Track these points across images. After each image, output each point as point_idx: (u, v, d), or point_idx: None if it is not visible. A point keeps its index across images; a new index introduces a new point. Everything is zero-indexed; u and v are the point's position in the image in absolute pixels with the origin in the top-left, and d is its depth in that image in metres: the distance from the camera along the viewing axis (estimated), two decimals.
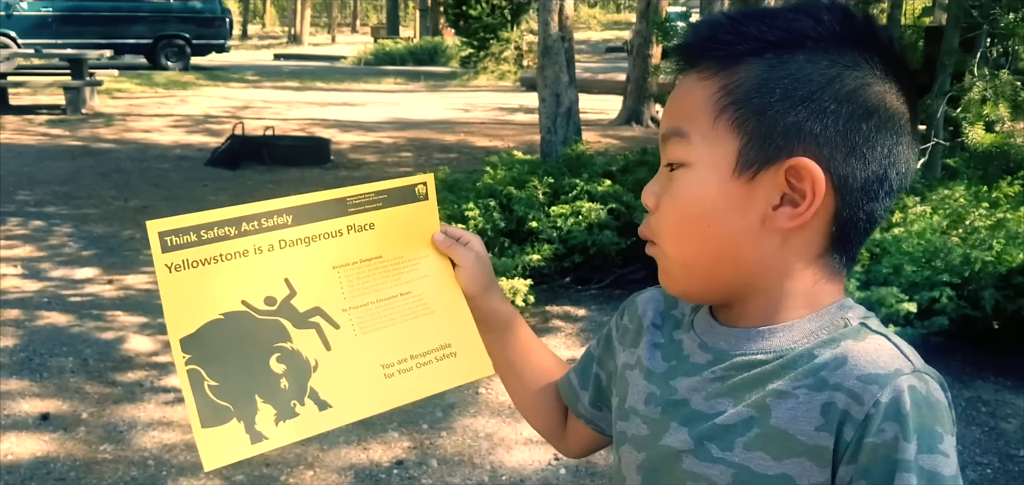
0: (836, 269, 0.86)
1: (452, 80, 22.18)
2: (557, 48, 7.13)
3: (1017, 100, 5.49)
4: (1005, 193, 4.99)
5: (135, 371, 4.23)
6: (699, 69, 0.85)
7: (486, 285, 1.14)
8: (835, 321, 0.84)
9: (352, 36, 51.25)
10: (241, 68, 25.17)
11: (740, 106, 0.81)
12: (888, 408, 0.74)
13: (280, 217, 1.04)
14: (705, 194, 0.83)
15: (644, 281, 5.37)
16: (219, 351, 0.98)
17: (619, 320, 1.07)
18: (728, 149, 0.82)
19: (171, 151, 10.83)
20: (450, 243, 1.12)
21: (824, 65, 0.81)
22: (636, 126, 12.66)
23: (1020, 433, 3.66)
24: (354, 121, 13.84)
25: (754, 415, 0.82)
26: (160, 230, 0.98)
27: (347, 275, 1.07)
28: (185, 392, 0.95)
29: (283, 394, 0.99)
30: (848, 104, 0.80)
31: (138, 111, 14.48)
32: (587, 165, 6.02)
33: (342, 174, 9.64)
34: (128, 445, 3.53)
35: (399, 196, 1.11)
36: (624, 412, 0.97)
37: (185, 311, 0.97)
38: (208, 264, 0.99)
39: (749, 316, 0.88)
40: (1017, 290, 4.09)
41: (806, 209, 0.80)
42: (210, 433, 0.95)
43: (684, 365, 0.92)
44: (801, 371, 0.81)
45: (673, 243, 0.88)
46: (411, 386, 1.08)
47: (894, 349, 0.80)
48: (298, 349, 1.02)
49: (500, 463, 3.45)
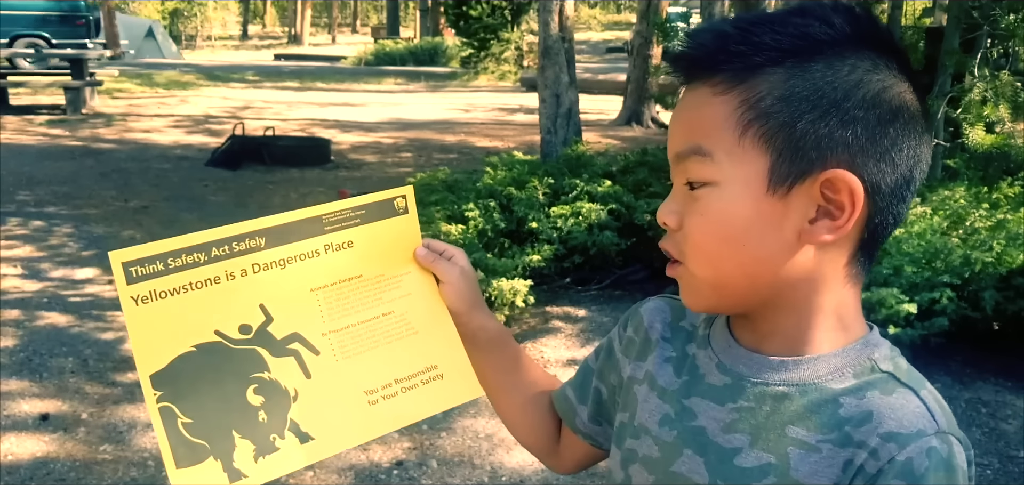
0: (859, 273, 0.84)
1: (452, 80, 22.19)
2: (557, 48, 7.13)
3: (1017, 101, 5.49)
4: (1005, 194, 4.99)
5: (135, 371, 4.19)
6: (712, 83, 0.81)
7: (472, 301, 1.09)
8: (861, 361, 0.82)
9: (352, 36, 51.30)
10: (242, 68, 25.19)
11: (766, 120, 0.79)
12: (903, 467, 0.73)
13: (252, 240, 0.98)
14: (738, 214, 0.80)
15: (644, 282, 5.40)
16: (192, 386, 0.93)
17: (622, 331, 1.03)
18: (758, 166, 0.79)
19: (171, 151, 10.83)
20: (433, 258, 1.08)
21: (845, 71, 0.78)
22: (636, 126, 12.66)
23: (1020, 434, 3.66)
24: (354, 121, 13.84)
25: (772, 462, 0.80)
26: (124, 260, 0.92)
27: (326, 297, 1.02)
28: (157, 431, 0.90)
29: (262, 428, 0.94)
30: (875, 109, 0.78)
31: (138, 111, 14.49)
32: (587, 166, 6.02)
33: (342, 174, 9.64)
34: (128, 445, 3.53)
35: (378, 211, 1.06)
36: (634, 430, 0.93)
37: (154, 345, 0.92)
38: (177, 293, 0.94)
39: (776, 337, 0.85)
40: (1017, 291, 4.09)
41: (847, 221, 0.78)
42: (185, 473, 0.90)
43: (700, 384, 0.89)
44: (826, 421, 0.79)
45: (706, 264, 0.84)
46: (397, 412, 1.03)
47: (920, 407, 0.78)
48: (276, 379, 0.97)
49: (500, 464, 3.45)
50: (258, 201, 8.25)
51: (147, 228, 7.05)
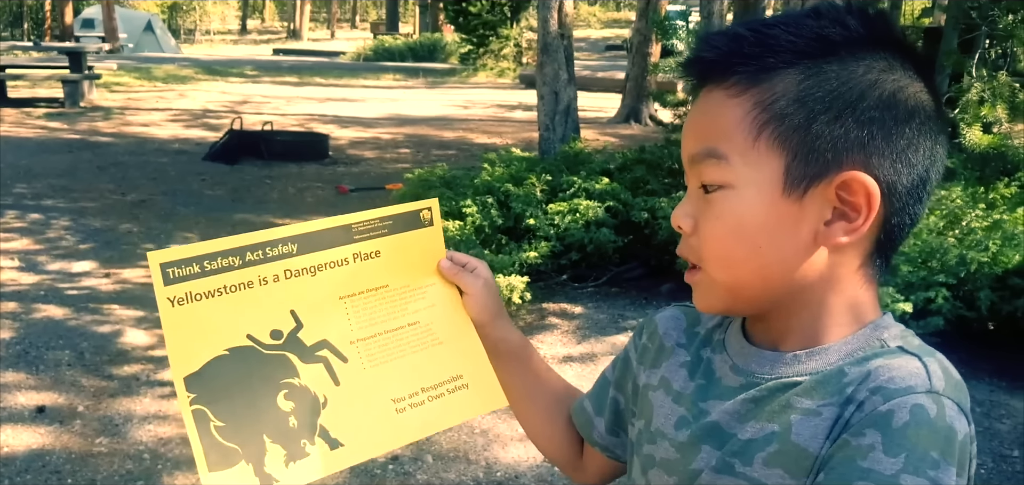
0: (875, 274, 0.84)
1: (451, 77, 22.18)
2: (556, 46, 7.13)
3: (1015, 102, 5.50)
4: (1002, 194, 5.00)
5: (131, 365, 4.23)
6: (726, 86, 0.81)
7: (495, 313, 1.10)
8: (870, 341, 0.82)
9: (352, 32, 51.27)
10: (240, 63, 25.17)
11: (781, 122, 0.78)
12: (880, 418, 0.71)
13: (285, 246, 1.00)
14: (754, 216, 0.80)
15: (640, 279, 5.41)
16: (225, 389, 0.94)
17: (638, 340, 1.03)
18: (773, 168, 0.79)
19: (169, 145, 10.82)
20: (457, 270, 1.09)
21: (860, 71, 0.78)
22: (635, 124, 12.67)
23: (1014, 433, 3.67)
24: (353, 117, 13.84)
25: (776, 430, 0.79)
26: (162, 261, 0.93)
27: (354, 306, 1.04)
28: (191, 434, 0.90)
29: (292, 433, 0.95)
30: (891, 109, 0.78)
31: (136, 105, 14.48)
32: (585, 163, 6.02)
33: (340, 170, 9.64)
34: (124, 438, 3.54)
35: (404, 222, 1.08)
36: (651, 435, 0.93)
37: (189, 347, 0.93)
38: (212, 297, 0.96)
39: (790, 335, 0.85)
40: (1013, 291, 4.10)
41: (863, 223, 0.78)
42: (218, 476, 0.90)
43: (716, 387, 0.89)
44: (830, 390, 0.78)
45: (722, 268, 0.84)
46: (424, 420, 1.04)
47: (919, 368, 0.75)
48: (306, 385, 0.98)
49: (495, 459, 3.45)
50: (255, 196, 8.24)
51: (144, 222, 7.04)
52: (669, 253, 5.04)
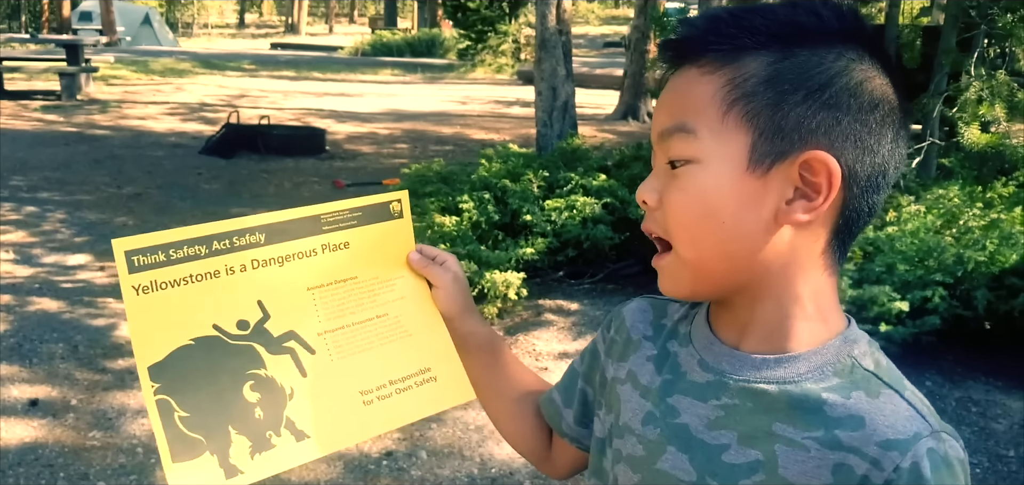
0: (834, 263, 0.85)
1: (449, 72, 22.16)
2: (554, 42, 7.11)
3: (1013, 101, 5.49)
4: (999, 194, 4.99)
5: (125, 358, 4.22)
6: (700, 64, 0.83)
7: (463, 306, 1.11)
8: (842, 358, 0.83)
9: (350, 26, 51.22)
10: (238, 56, 25.12)
11: (750, 99, 0.80)
12: (910, 474, 0.75)
13: (252, 235, 0.99)
14: (718, 190, 0.81)
15: (638, 276, 5.39)
16: (190, 379, 0.92)
17: (606, 332, 1.04)
18: (740, 144, 0.80)
19: (166, 139, 10.80)
20: (426, 263, 1.10)
21: (831, 58, 0.80)
22: (633, 121, 12.66)
23: (1010, 433, 3.67)
24: (350, 112, 13.81)
25: (760, 460, 0.81)
26: (127, 249, 0.92)
27: (322, 297, 1.03)
28: (154, 424, 0.89)
29: (258, 424, 0.94)
30: (856, 97, 0.80)
31: (133, 98, 14.44)
32: (582, 159, 6.01)
33: (337, 164, 9.62)
34: (117, 432, 3.52)
35: (373, 214, 1.08)
36: (619, 429, 0.94)
37: (154, 336, 0.92)
38: (178, 285, 0.94)
39: (755, 329, 0.86)
40: (1010, 291, 4.10)
41: (822, 202, 0.79)
42: (182, 467, 0.89)
43: (682, 382, 0.89)
44: (811, 420, 0.80)
45: (687, 242, 0.85)
46: (391, 413, 1.03)
47: (909, 410, 0.79)
48: (273, 376, 0.97)
49: (490, 455, 3.44)
50: (252, 190, 8.22)
51: (140, 215, 7.03)
52: None
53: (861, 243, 4.45)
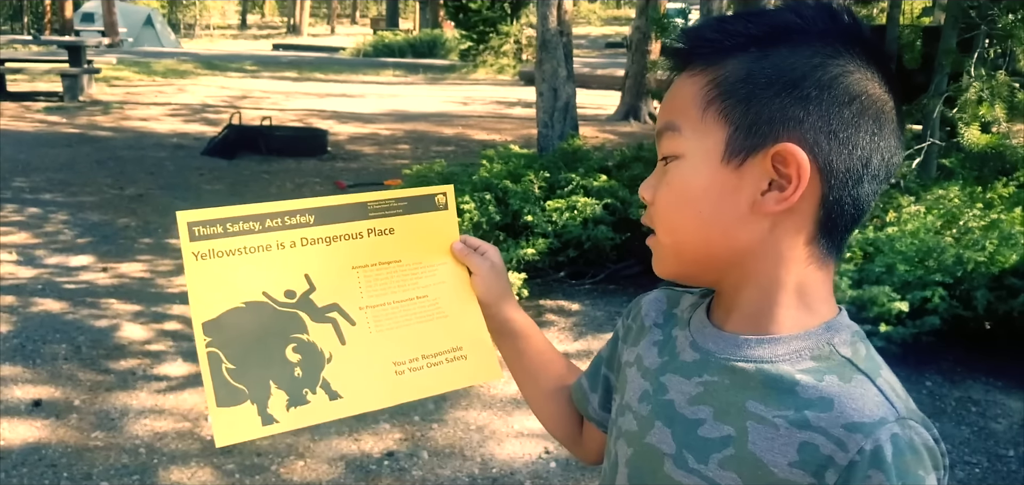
0: (824, 256, 0.87)
1: (451, 73, 22.16)
2: (556, 42, 7.12)
3: (1013, 102, 5.49)
4: (1000, 194, 5.00)
5: (128, 359, 4.23)
6: (689, 69, 0.89)
7: (500, 294, 1.18)
8: (821, 345, 0.85)
9: (351, 27, 51.24)
10: (239, 57, 25.15)
11: (727, 97, 0.85)
12: (872, 456, 0.77)
13: (303, 216, 1.08)
14: (697, 182, 0.87)
15: (639, 276, 5.41)
16: (238, 336, 1.02)
17: (625, 320, 1.10)
18: (717, 138, 0.85)
19: (168, 140, 10.82)
20: (467, 252, 1.16)
21: (807, 55, 0.83)
22: (634, 122, 12.65)
23: (1009, 433, 3.68)
24: (352, 112, 13.83)
25: (732, 434, 0.85)
26: (189, 220, 1.02)
27: (366, 276, 1.11)
28: (203, 372, 0.99)
29: (296, 382, 1.03)
30: (830, 91, 0.82)
31: (135, 99, 14.46)
32: (583, 160, 6.02)
33: (339, 165, 9.64)
34: (120, 432, 3.54)
35: (419, 204, 1.16)
36: (621, 408, 1.00)
37: (208, 297, 1.02)
38: (233, 255, 1.04)
39: (740, 311, 0.89)
40: (1009, 291, 4.10)
41: (792, 192, 0.82)
42: (224, 412, 0.99)
43: (674, 362, 0.94)
44: (782, 399, 0.83)
45: (668, 230, 0.91)
46: (420, 384, 1.11)
47: (879, 396, 0.81)
48: (314, 341, 1.06)
49: (491, 455, 3.45)
50: (254, 191, 8.24)
51: (142, 216, 7.04)
52: None
53: (861, 243, 4.46)
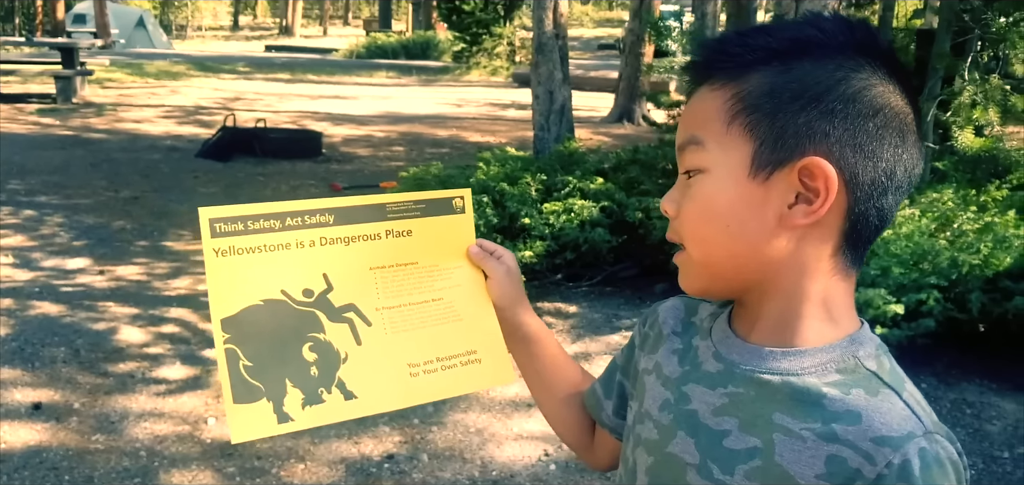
0: (848, 267, 0.88)
1: (444, 75, 22.18)
2: (551, 46, 7.15)
3: (1007, 105, 5.53)
4: (993, 197, 5.03)
5: (127, 362, 4.24)
6: (711, 82, 0.89)
7: (515, 298, 1.18)
8: (846, 358, 0.86)
9: (344, 28, 51.18)
10: (232, 59, 25.11)
11: (752, 111, 0.85)
12: (900, 470, 0.77)
13: (322, 216, 1.09)
14: (723, 196, 0.87)
15: (635, 278, 5.43)
16: (256, 334, 1.03)
17: (642, 327, 1.09)
18: (743, 153, 0.85)
19: (161, 142, 10.80)
20: (483, 256, 1.17)
21: (830, 69, 0.84)
22: (628, 124, 12.70)
23: (1004, 435, 3.71)
24: (346, 114, 13.83)
25: (759, 446, 0.85)
26: (211, 217, 1.03)
27: (383, 277, 1.12)
28: (221, 368, 1.00)
29: (312, 381, 1.04)
30: (854, 104, 0.83)
31: (129, 101, 14.44)
32: (580, 162, 6.04)
33: (334, 167, 9.64)
34: (120, 435, 3.54)
35: (437, 207, 1.17)
36: (640, 415, 1.00)
37: (227, 294, 1.03)
38: (252, 252, 1.05)
39: (765, 322, 0.89)
40: (1004, 293, 4.13)
41: (821, 206, 0.83)
42: (240, 409, 1.00)
43: (697, 372, 0.94)
44: (809, 412, 0.83)
45: (696, 245, 0.91)
46: (434, 386, 1.12)
47: (906, 409, 0.82)
48: (330, 340, 1.07)
49: (491, 458, 3.47)
50: (248, 193, 8.24)
51: (137, 219, 7.04)
52: (663, 253, 5.07)
53: None
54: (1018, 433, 3.72)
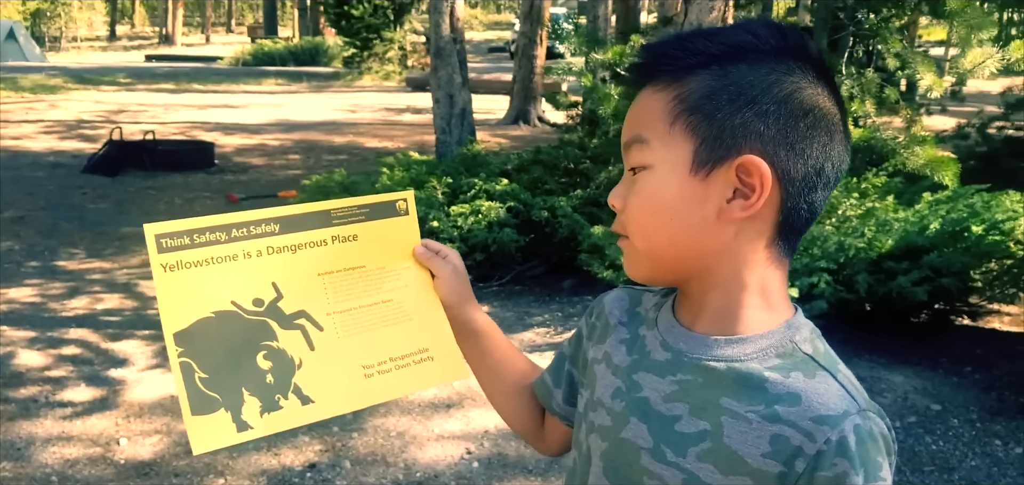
0: (781, 256, 0.95)
1: (336, 80, 21.92)
2: (450, 49, 7.20)
3: (881, 97, 5.89)
4: (873, 184, 5.35)
5: (28, 387, 4.09)
6: (654, 84, 0.95)
7: (462, 296, 1.21)
8: (785, 343, 0.93)
9: (227, 36, 49.89)
10: (112, 70, 24.21)
11: (692, 112, 0.91)
12: (838, 446, 0.85)
13: (268, 225, 1.10)
14: (667, 192, 0.92)
15: (543, 276, 5.55)
16: (209, 346, 1.04)
17: (588, 319, 1.14)
18: (684, 151, 0.91)
19: (44, 158, 10.36)
20: (429, 256, 1.20)
21: (764, 72, 0.90)
22: (524, 125, 12.87)
23: (895, 406, 3.96)
24: (237, 123, 13.54)
25: (708, 429, 0.91)
26: (156, 232, 1.04)
27: (331, 282, 1.13)
28: (177, 382, 1.01)
29: (268, 388, 1.06)
30: (786, 105, 0.90)
31: (5, 117, 13.76)
32: (483, 165, 6.12)
33: (228, 178, 9.45)
34: (29, 461, 3.43)
35: (381, 211, 1.19)
36: (593, 403, 1.04)
37: (178, 308, 1.03)
38: (201, 266, 1.06)
39: (708, 312, 0.96)
40: (887, 274, 4.41)
41: (756, 201, 0.89)
42: (199, 420, 1.01)
43: (646, 361, 1.00)
44: (754, 395, 0.90)
45: (641, 237, 0.96)
46: (389, 385, 1.15)
47: (841, 390, 0.89)
48: (283, 348, 1.08)
49: (413, 460, 3.50)
50: (141, 208, 8.01)
51: (25, 239, 6.75)
52: (569, 250, 5.20)
53: None
54: (907, 404, 3.98)
